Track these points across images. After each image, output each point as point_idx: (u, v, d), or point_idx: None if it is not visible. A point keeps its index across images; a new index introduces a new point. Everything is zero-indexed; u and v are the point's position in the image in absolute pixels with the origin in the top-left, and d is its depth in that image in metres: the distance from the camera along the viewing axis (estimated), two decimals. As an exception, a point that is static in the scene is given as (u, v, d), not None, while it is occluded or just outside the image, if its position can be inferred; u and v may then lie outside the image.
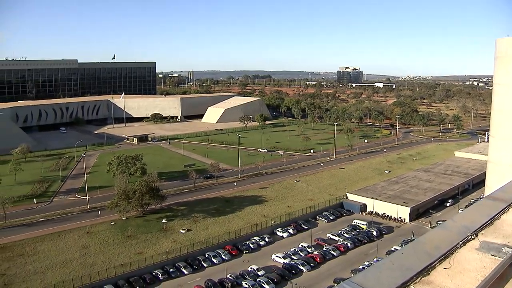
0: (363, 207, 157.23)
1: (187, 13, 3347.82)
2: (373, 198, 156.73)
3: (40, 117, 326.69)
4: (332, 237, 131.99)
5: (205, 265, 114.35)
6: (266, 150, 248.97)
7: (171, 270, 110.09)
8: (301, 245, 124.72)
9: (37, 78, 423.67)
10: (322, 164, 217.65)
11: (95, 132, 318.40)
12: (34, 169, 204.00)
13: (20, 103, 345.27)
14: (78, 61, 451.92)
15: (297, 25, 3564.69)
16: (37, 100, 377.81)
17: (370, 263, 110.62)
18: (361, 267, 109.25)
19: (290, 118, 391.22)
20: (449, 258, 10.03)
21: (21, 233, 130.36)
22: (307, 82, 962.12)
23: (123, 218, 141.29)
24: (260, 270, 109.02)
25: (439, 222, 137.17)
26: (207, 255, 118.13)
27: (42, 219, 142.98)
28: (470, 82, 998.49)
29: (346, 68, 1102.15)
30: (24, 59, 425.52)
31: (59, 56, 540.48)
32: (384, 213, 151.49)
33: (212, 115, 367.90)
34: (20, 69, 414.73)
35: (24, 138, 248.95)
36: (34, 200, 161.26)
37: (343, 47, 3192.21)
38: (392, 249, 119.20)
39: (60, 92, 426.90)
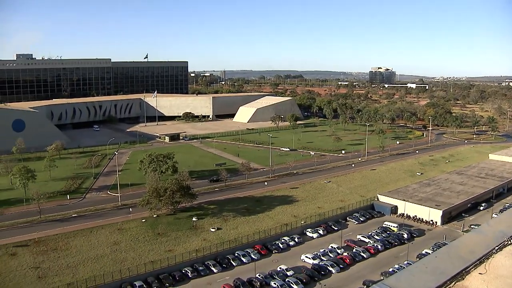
0: (394, 209, 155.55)
1: (219, 13, 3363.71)
2: (404, 200, 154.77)
3: (74, 115, 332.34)
4: (362, 238, 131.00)
5: (234, 264, 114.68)
6: (288, 149, 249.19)
7: (200, 268, 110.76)
8: (331, 246, 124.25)
9: (71, 77, 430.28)
10: (353, 165, 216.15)
11: (128, 130, 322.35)
12: (68, 165, 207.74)
13: (55, 101, 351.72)
14: (112, 60, 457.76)
15: (329, 25, 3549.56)
16: (71, 98, 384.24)
17: (400, 266, 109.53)
18: (391, 269, 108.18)
19: (322, 118, 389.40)
20: (484, 263, 9.79)
21: (55, 228, 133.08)
22: (339, 82, 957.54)
23: (154, 216, 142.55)
24: (289, 270, 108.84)
25: (472, 226, 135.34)
26: (236, 254, 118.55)
27: (75, 215, 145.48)
28: (506, 83, 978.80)
29: (378, 68, 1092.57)
30: (60, 58, 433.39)
31: (93, 55, 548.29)
32: (416, 216, 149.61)
33: (244, 114, 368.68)
34: (56, 68, 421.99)
35: (58, 136, 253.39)
36: (68, 196, 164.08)
37: (376, 47, 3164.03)
38: (423, 252, 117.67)
39: (94, 91, 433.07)
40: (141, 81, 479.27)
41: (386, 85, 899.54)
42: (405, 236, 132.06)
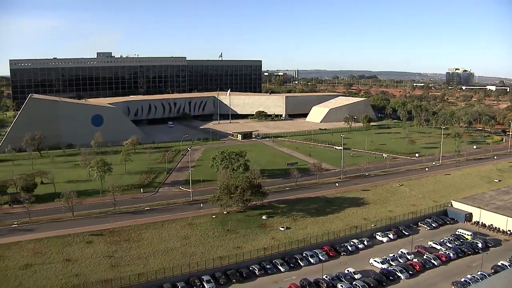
0: (468, 217, 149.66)
1: (293, 12, 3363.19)
2: (480, 207, 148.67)
3: (150, 111, 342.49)
4: (434, 245, 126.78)
5: (301, 264, 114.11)
6: (341, 148, 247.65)
7: (267, 266, 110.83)
8: (401, 251, 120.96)
9: (148, 74, 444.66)
10: (427, 169, 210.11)
11: (201, 127, 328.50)
12: (142, 160, 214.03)
13: (132, 97, 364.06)
14: (187, 59, 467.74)
15: (405, 25, 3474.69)
16: (147, 95, 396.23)
17: (473, 276, 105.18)
18: (463, 280, 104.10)
19: (396, 120, 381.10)
20: None
21: (128, 219, 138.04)
22: (414, 84, 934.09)
23: (224, 212, 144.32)
24: (357, 274, 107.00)
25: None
26: (304, 254, 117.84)
27: (148, 208, 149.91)
28: None
29: (455, 69, 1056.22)
30: (137, 56, 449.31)
31: (168, 54, 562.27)
32: (491, 225, 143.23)
33: (316, 114, 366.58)
34: (133, 66, 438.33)
35: (134, 131, 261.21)
36: (141, 189, 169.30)
37: (453, 47, 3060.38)
38: (499, 264, 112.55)
39: (169, 88, 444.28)
40: (215, 79, 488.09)
41: (464, 87, 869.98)
42: (480, 245, 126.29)
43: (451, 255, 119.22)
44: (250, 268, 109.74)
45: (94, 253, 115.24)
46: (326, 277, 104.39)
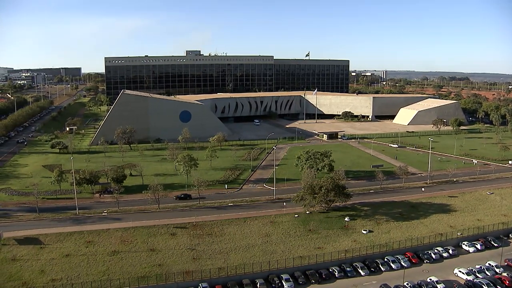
0: None
1: (382, 13, 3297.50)
2: None
3: (236, 109, 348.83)
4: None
5: (382, 269, 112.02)
6: (397, 146, 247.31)
7: (347, 269, 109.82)
8: (489, 264, 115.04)
9: (235, 73, 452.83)
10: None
11: (287, 126, 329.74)
12: (228, 157, 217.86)
13: (219, 95, 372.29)
14: (274, 58, 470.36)
15: (499, 25, 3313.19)
16: (234, 93, 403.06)
17: None
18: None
19: (488, 125, 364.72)
20: None
21: (211, 214, 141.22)
22: (510, 86, 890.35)
23: (307, 212, 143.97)
24: (440, 283, 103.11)
25: None
26: (385, 259, 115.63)
27: (231, 204, 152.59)
28: None
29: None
30: (225, 55, 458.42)
31: (256, 53, 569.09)
32: None
33: (404, 116, 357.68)
34: (221, 64, 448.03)
35: (221, 128, 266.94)
36: (225, 185, 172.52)
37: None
38: None
39: (256, 86, 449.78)
40: (302, 79, 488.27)
41: None
42: None
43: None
44: (330, 270, 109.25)
45: (177, 245, 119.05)
46: (407, 284, 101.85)
